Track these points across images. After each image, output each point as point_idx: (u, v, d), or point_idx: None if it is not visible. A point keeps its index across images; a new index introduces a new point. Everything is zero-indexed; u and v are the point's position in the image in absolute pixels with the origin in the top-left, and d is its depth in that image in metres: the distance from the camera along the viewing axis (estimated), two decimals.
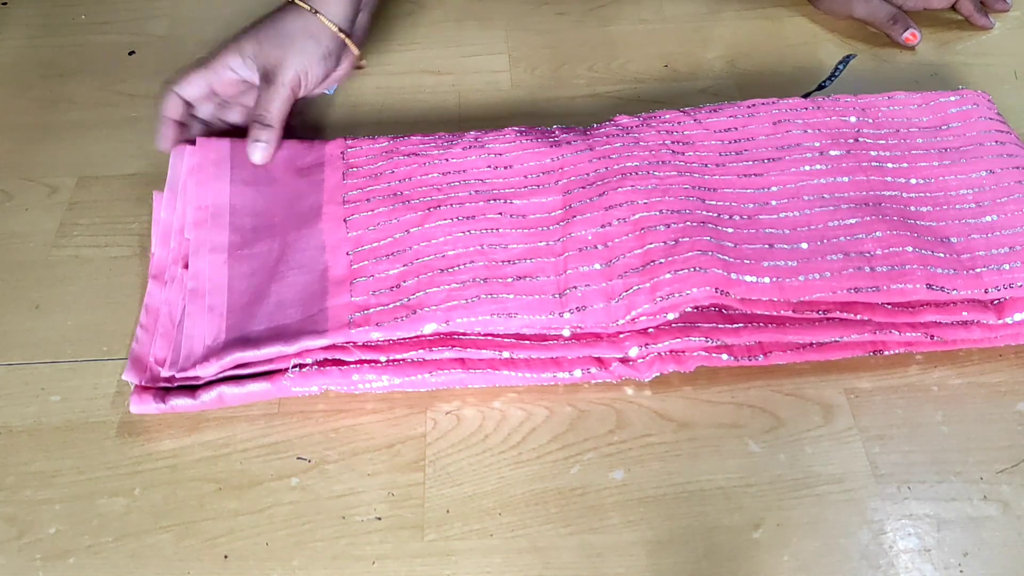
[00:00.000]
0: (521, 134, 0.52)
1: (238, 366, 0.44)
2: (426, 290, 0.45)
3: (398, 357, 0.44)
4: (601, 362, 0.44)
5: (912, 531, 0.40)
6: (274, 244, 0.49)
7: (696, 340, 0.44)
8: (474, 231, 0.47)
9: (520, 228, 0.48)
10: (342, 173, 0.51)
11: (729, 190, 0.48)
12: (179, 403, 0.44)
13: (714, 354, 0.45)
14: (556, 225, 0.48)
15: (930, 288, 0.43)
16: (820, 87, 0.59)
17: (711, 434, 0.43)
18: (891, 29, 0.62)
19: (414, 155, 0.51)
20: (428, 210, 0.48)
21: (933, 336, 0.45)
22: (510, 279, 0.45)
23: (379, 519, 0.41)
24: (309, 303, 0.45)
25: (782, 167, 0.49)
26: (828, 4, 0.65)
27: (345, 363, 0.44)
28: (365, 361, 0.44)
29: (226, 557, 0.40)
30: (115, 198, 0.55)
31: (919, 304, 0.44)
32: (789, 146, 0.50)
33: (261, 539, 0.41)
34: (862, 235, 0.45)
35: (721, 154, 0.51)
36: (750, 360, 0.45)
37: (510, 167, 0.51)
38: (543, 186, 0.50)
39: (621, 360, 0.44)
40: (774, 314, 0.44)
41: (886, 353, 0.45)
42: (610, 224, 0.47)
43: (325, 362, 0.44)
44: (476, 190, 0.49)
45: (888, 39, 0.63)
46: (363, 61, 0.55)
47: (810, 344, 0.45)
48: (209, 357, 0.44)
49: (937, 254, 0.44)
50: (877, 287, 0.43)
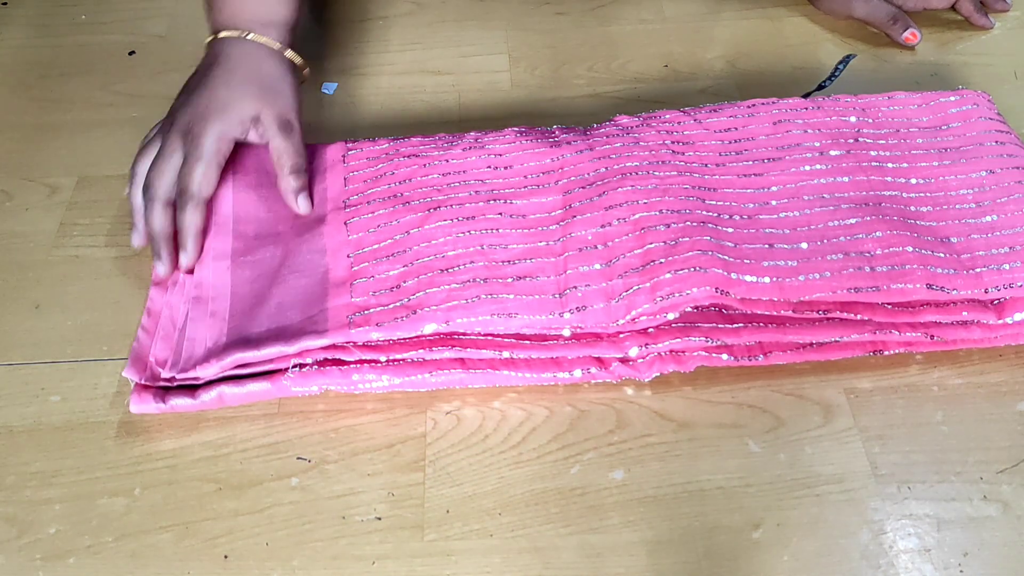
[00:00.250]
0: (521, 134, 0.52)
1: (238, 366, 0.44)
2: (426, 290, 0.45)
3: (398, 357, 0.44)
4: (601, 362, 0.44)
5: (912, 531, 0.40)
6: (276, 250, 0.49)
7: (696, 340, 0.44)
8: (474, 231, 0.47)
9: (520, 228, 0.48)
10: (343, 178, 0.51)
11: (729, 190, 0.48)
12: (179, 403, 0.44)
13: (714, 354, 0.45)
14: (556, 225, 0.48)
15: (930, 288, 0.43)
16: (820, 87, 0.59)
17: (711, 434, 0.43)
18: (891, 29, 0.62)
19: (414, 156, 0.51)
20: (428, 211, 0.48)
21: (933, 336, 0.45)
22: (510, 279, 0.45)
23: (379, 519, 0.41)
24: (309, 304, 0.45)
25: (782, 167, 0.49)
26: (828, 4, 0.65)
27: (345, 363, 0.44)
28: (365, 361, 0.44)
29: (226, 557, 0.40)
30: (115, 198, 0.55)
31: (919, 304, 0.44)
32: (789, 146, 0.50)
33: (261, 539, 0.41)
34: (862, 235, 0.45)
35: (721, 154, 0.51)
36: (750, 360, 0.45)
37: (510, 167, 0.51)
38: (543, 186, 0.50)
39: (621, 360, 0.44)
40: (774, 314, 0.44)
41: (886, 353, 0.45)
42: (610, 224, 0.47)
43: (325, 362, 0.44)
44: (476, 190, 0.49)
45: (888, 39, 0.63)
46: (307, 71, 0.55)
47: (810, 344, 0.45)
48: (209, 358, 0.44)
49: (937, 254, 0.44)
50: (877, 287, 0.43)
